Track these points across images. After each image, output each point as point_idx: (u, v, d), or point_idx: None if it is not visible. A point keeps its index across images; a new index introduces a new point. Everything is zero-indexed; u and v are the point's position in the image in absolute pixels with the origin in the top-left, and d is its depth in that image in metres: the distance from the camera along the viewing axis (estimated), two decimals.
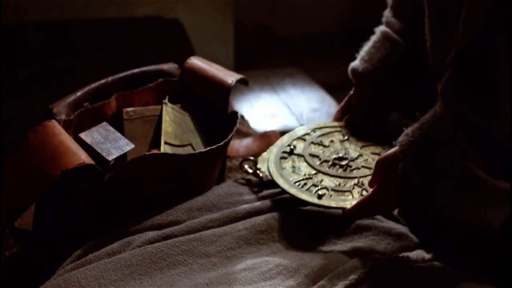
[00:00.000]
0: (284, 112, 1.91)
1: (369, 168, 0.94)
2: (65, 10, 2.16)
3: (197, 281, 0.77)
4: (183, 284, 0.77)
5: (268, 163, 0.96)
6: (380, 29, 1.02)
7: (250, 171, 0.99)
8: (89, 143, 0.85)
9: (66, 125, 0.89)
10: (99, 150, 0.85)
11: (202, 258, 0.81)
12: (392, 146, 0.80)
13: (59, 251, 0.84)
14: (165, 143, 0.97)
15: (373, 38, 1.02)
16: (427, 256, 0.87)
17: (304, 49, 2.94)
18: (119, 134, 0.90)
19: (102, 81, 1.00)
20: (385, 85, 1.00)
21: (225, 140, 0.94)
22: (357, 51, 1.04)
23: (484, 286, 0.81)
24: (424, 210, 0.92)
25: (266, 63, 2.48)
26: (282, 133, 1.47)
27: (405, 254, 0.87)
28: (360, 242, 0.90)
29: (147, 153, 0.87)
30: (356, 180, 0.92)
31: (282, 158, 0.96)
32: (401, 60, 0.99)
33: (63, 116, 0.90)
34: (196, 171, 0.93)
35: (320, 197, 0.88)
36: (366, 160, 0.96)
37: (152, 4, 2.26)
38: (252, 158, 1.00)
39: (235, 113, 1.01)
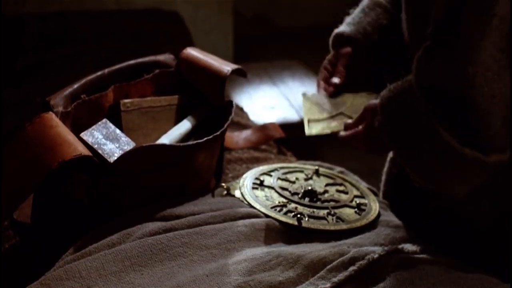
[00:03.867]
0: (284, 104, 1.91)
1: (337, 201, 0.96)
2: (64, 1, 2.16)
3: (198, 272, 0.77)
4: (183, 276, 0.77)
5: (240, 189, 0.97)
6: None
7: (225, 193, 0.99)
8: (90, 144, 0.86)
9: (63, 117, 0.90)
10: (101, 152, 0.86)
11: (203, 250, 0.81)
12: None
13: (59, 242, 0.84)
14: None
15: (362, 5, 1.03)
16: (424, 246, 0.87)
17: (304, 40, 2.93)
18: (119, 132, 0.90)
19: (99, 73, 1.00)
20: (370, 49, 1.01)
21: (221, 129, 0.94)
22: None
23: (476, 275, 0.81)
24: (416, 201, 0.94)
25: (265, 54, 2.47)
26: (282, 125, 1.47)
27: (405, 245, 0.87)
28: (360, 234, 0.90)
29: (144, 144, 0.87)
30: (328, 210, 0.94)
31: (253, 188, 0.98)
32: (390, 24, 1.00)
33: (60, 108, 0.90)
34: (194, 161, 0.93)
35: (299, 221, 0.90)
36: (333, 195, 0.98)
37: None
38: (224, 185, 1.00)
39: (230, 102, 1.00)
